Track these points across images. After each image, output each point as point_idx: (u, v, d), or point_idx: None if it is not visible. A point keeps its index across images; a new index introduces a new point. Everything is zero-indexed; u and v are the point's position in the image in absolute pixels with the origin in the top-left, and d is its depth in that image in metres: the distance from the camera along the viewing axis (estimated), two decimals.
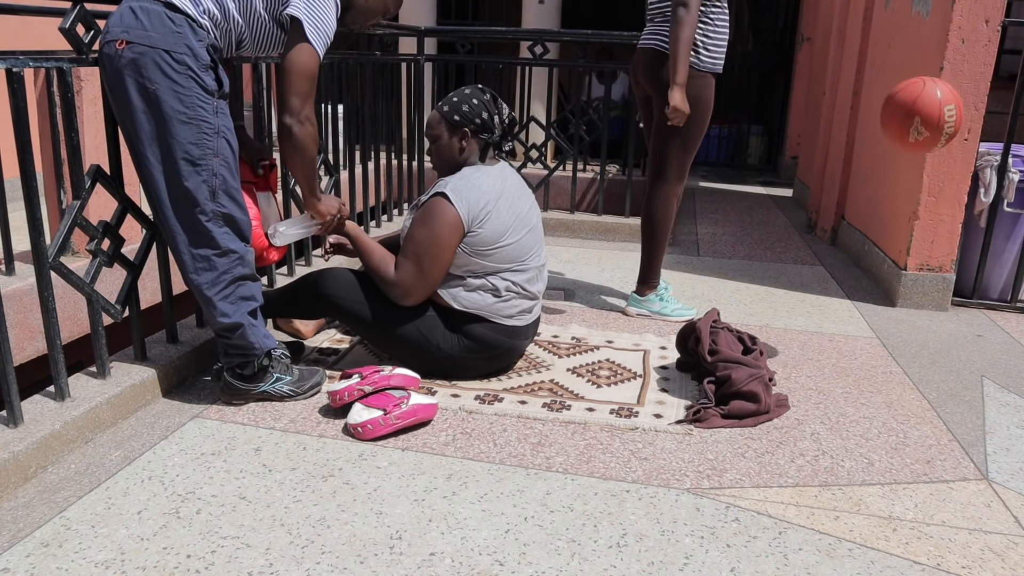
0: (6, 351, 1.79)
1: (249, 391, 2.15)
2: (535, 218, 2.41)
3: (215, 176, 1.96)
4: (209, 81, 1.92)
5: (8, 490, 1.72)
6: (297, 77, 2.00)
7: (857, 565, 1.59)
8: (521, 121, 5.44)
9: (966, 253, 3.43)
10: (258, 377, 2.14)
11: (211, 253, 2.00)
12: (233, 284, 2.05)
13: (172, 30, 1.85)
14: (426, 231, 2.26)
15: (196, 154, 1.92)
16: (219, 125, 1.95)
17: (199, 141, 1.92)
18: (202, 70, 1.90)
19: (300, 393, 2.21)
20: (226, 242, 2.01)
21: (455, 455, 1.96)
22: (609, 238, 4.55)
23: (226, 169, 1.99)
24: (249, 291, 2.09)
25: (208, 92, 1.92)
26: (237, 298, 2.06)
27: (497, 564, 1.54)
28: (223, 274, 2.02)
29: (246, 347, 2.09)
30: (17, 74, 1.76)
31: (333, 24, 2.04)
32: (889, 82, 3.83)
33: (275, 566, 1.51)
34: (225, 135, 1.98)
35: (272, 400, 2.19)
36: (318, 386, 2.26)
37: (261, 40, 2.07)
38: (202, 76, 1.90)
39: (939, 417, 2.31)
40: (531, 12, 7.39)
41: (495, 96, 2.37)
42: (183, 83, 1.87)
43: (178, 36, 1.86)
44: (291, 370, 2.22)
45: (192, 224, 1.97)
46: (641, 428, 2.14)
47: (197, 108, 1.90)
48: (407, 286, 2.28)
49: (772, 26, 8.69)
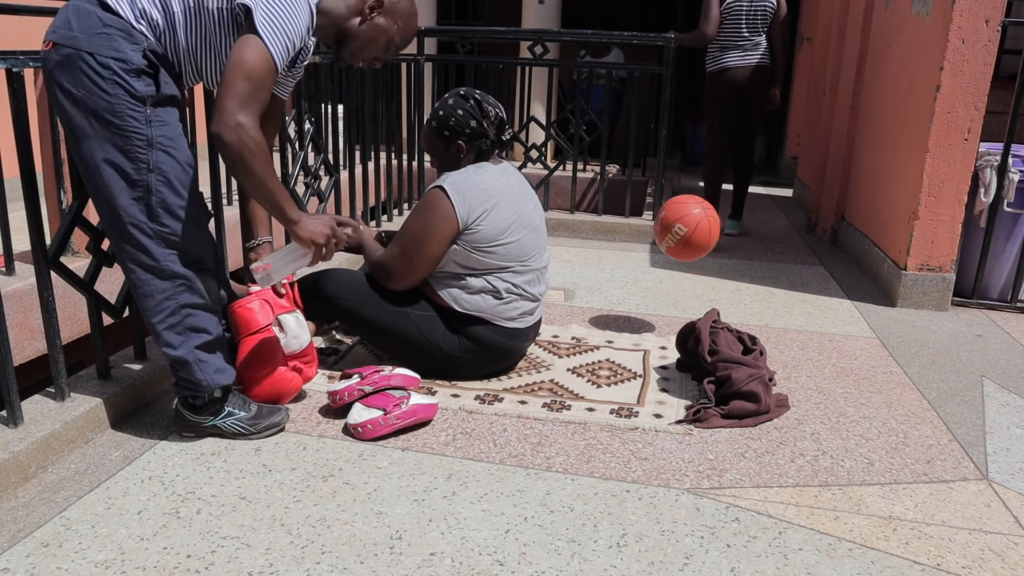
0: (6, 351, 1.79)
1: (199, 423, 1.96)
2: (538, 219, 2.41)
3: (151, 193, 1.75)
4: (140, 87, 1.70)
5: (8, 490, 1.72)
6: (235, 73, 1.69)
7: (857, 565, 1.59)
8: (521, 121, 5.44)
9: (966, 253, 3.43)
10: (208, 409, 1.95)
11: (150, 277, 1.81)
12: (179, 312, 1.84)
13: (98, 31, 1.67)
14: (417, 220, 2.28)
15: (128, 168, 1.73)
16: (153, 136, 1.73)
17: (131, 154, 1.72)
18: (131, 75, 1.69)
19: (254, 432, 1.99)
20: (168, 264, 1.80)
21: (455, 455, 1.96)
22: (609, 238, 4.55)
23: (165, 185, 1.76)
24: (200, 322, 1.88)
25: (138, 99, 1.70)
26: (184, 328, 1.86)
27: (497, 564, 1.54)
28: (165, 300, 1.82)
29: (194, 383, 1.90)
30: (17, 74, 1.76)
31: (297, 26, 1.75)
32: (889, 82, 3.83)
33: (275, 566, 1.51)
34: (162, 146, 1.75)
35: (224, 437, 1.99)
36: (277, 426, 2.03)
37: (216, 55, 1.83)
38: (131, 82, 1.69)
39: (939, 417, 2.31)
40: (531, 12, 7.39)
41: (479, 100, 2.33)
42: (109, 89, 1.68)
43: (104, 37, 1.67)
44: (248, 405, 2.01)
45: (131, 244, 1.79)
46: (641, 428, 2.14)
47: (126, 117, 1.70)
48: (390, 268, 2.30)
49: None
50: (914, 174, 3.32)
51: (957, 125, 3.16)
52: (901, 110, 3.59)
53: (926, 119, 3.22)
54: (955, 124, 3.16)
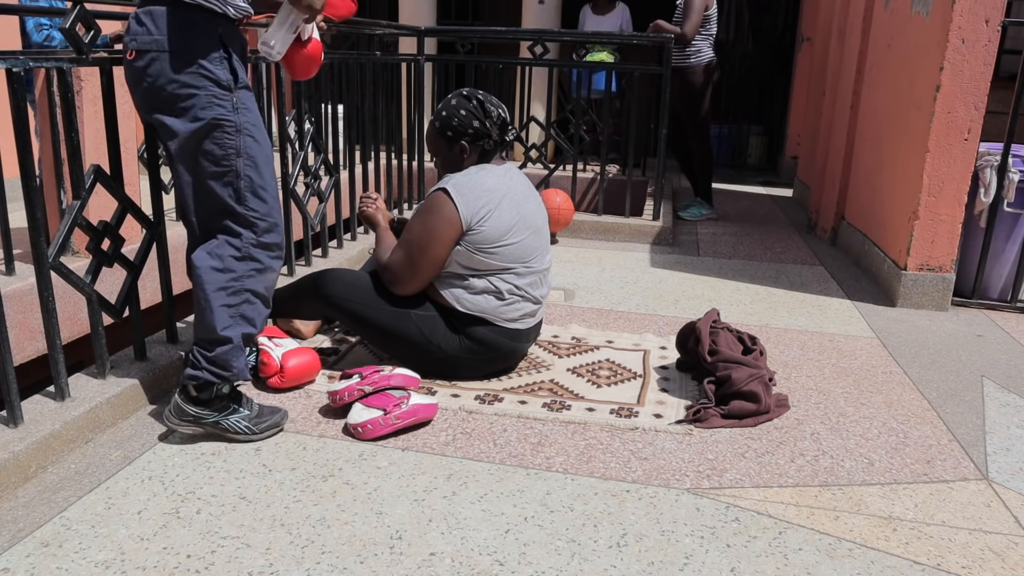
0: (6, 351, 1.79)
1: (200, 418, 1.93)
2: (540, 221, 2.41)
3: (240, 177, 1.86)
4: (223, 75, 1.81)
5: (8, 490, 1.72)
6: None
7: (857, 565, 1.59)
8: (521, 121, 5.44)
9: (966, 253, 3.43)
10: (214, 404, 1.93)
11: (229, 253, 1.88)
12: (241, 296, 1.90)
13: (176, 29, 1.76)
14: (421, 223, 2.27)
15: (218, 155, 1.83)
16: (240, 123, 1.85)
17: (220, 141, 1.83)
18: (214, 64, 1.79)
19: (256, 432, 1.98)
20: (247, 248, 1.90)
21: (455, 455, 1.96)
22: (609, 238, 4.55)
23: (252, 169, 1.88)
24: (253, 313, 1.93)
25: (224, 88, 1.81)
26: (238, 315, 1.91)
27: (497, 564, 1.54)
28: (235, 280, 1.89)
29: (225, 367, 1.91)
30: (17, 74, 1.76)
31: None
32: (889, 82, 3.83)
33: (275, 566, 1.51)
34: (249, 132, 1.87)
35: (223, 433, 1.96)
36: (278, 426, 2.03)
37: None
38: (214, 72, 1.80)
39: (939, 417, 2.31)
40: (531, 12, 7.39)
41: (482, 101, 2.33)
42: (195, 83, 1.78)
43: (182, 35, 1.77)
44: (251, 404, 2.01)
45: (214, 226, 1.89)
46: (641, 428, 2.14)
47: (215, 107, 1.81)
48: (395, 272, 2.30)
49: (772, 26, 8.69)
50: (914, 174, 3.32)
51: (957, 125, 3.16)
52: (901, 110, 3.59)
53: (926, 119, 3.22)
54: (955, 124, 3.16)
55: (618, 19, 6.68)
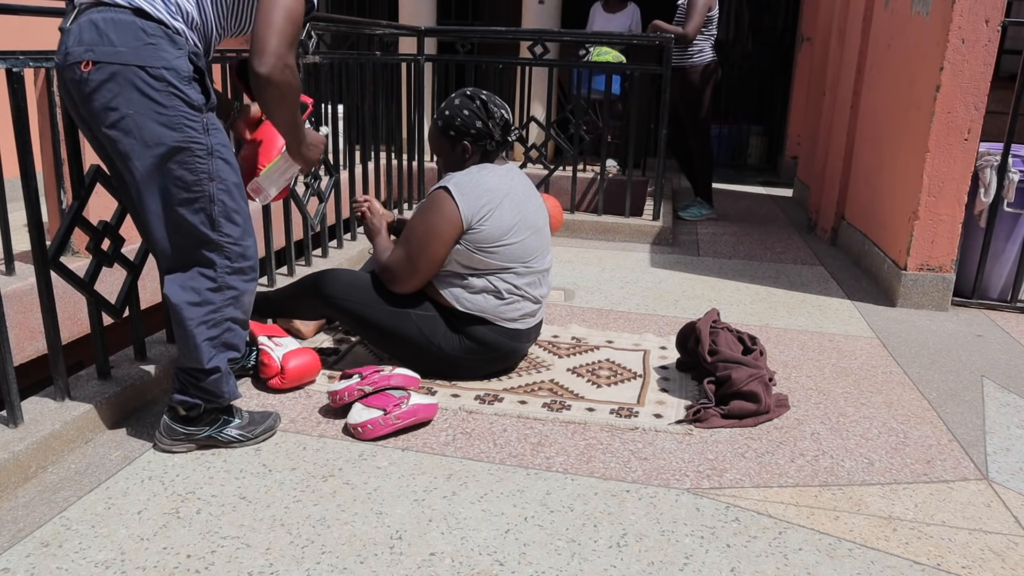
0: (6, 351, 1.79)
1: (192, 435, 1.90)
2: (541, 221, 2.41)
3: (213, 203, 1.75)
4: (194, 95, 1.68)
5: (8, 490, 1.72)
6: (281, 14, 1.68)
7: (857, 565, 1.59)
8: (521, 121, 5.44)
9: (966, 253, 3.43)
10: (203, 420, 1.90)
11: (204, 286, 1.79)
12: (222, 327, 1.83)
13: (145, 42, 1.62)
14: (421, 222, 2.27)
15: (189, 180, 1.70)
16: (212, 144, 1.72)
17: (190, 165, 1.70)
18: (184, 83, 1.66)
19: (251, 439, 1.96)
20: (222, 277, 1.80)
21: (455, 455, 1.96)
22: (609, 238, 4.55)
23: (225, 193, 1.76)
24: (235, 339, 1.87)
25: (195, 108, 1.68)
26: (220, 343, 1.84)
27: (497, 564, 1.54)
28: (214, 312, 1.81)
29: (216, 393, 1.87)
30: (17, 74, 1.76)
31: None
32: (889, 82, 3.83)
33: (275, 566, 1.51)
34: (220, 154, 1.74)
35: (218, 446, 1.94)
36: (271, 430, 2.01)
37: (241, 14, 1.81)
38: (185, 91, 1.66)
39: (939, 417, 2.31)
40: (531, 12, 7.39)
41: (485, 101, 2.32)
42: (165, 102, 1.64)
43: (152, 48, 1.62)
44: (241, 413, 1.98)
45: (187, 256, 1.78)
46: (641, 428, 2.14)
47: (185, 129, 1.67)
48: (395, 271, 2.30)
49: (772, 26, 8.68)
50: (914, 174, 3.32)
51: (957, 125, 3.16)
52: (901, 110, 3.59)
53: (926, 119, 3.22)
54: (955, 124, 3.16)
55: (628, 19, 6.62)
